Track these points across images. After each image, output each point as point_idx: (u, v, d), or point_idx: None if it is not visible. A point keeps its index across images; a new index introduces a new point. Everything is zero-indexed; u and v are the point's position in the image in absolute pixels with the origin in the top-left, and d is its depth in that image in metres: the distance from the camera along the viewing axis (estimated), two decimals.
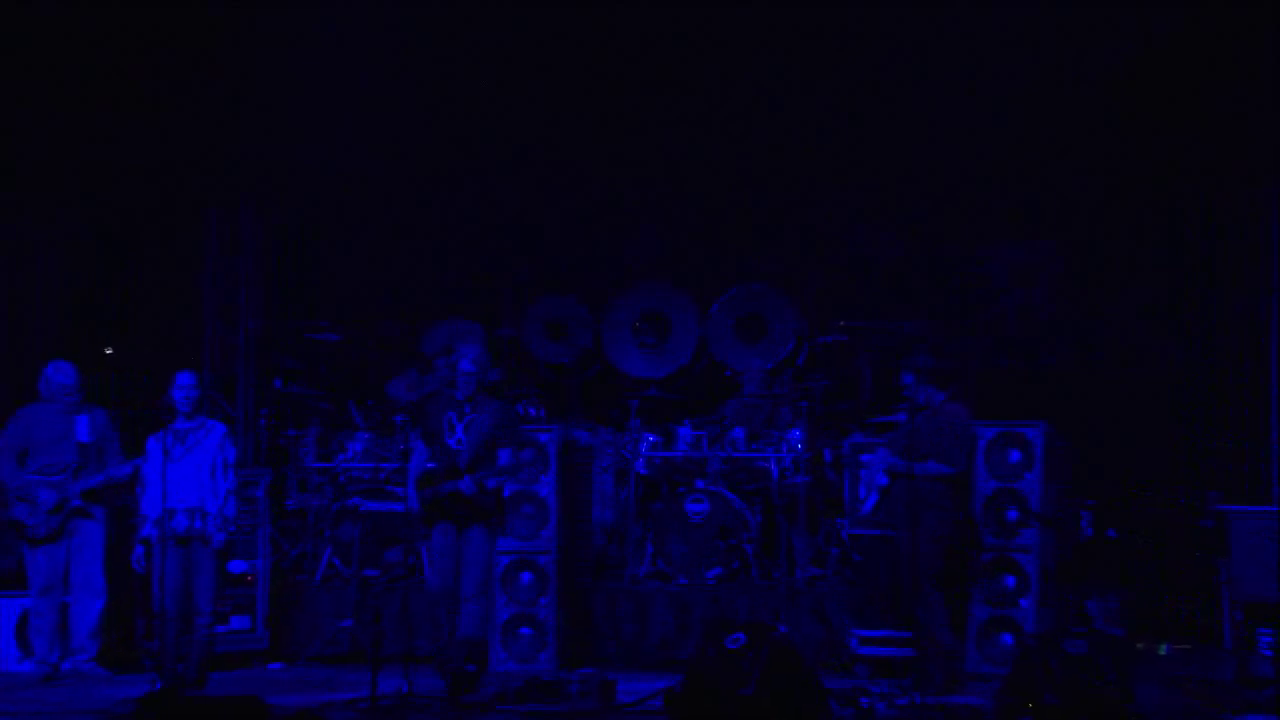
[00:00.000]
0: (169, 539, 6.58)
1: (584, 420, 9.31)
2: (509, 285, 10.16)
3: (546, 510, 7.71)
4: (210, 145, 8.91)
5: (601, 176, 9.79)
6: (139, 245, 9.67)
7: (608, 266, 10.25)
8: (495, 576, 7.51)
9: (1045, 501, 7.46)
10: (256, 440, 9.48)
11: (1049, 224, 9.39)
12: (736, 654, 5.88)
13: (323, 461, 8.90)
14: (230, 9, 8.26)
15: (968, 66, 8.36)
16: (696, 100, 9.04)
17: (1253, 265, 8.45)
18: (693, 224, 10.14)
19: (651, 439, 8.91)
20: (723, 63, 8.74)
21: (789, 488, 8.57)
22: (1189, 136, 8.34)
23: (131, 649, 7.75)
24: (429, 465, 6.90)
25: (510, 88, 8.94)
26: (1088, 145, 8.67)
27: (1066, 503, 7.90)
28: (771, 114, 9.09)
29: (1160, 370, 8.94)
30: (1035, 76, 8.27)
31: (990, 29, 8.15)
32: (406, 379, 9.04)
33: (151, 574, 6.72)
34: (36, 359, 8.03)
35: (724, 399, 9.38)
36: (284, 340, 9.70)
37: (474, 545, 6.81)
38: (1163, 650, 7.78)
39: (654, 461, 8.89)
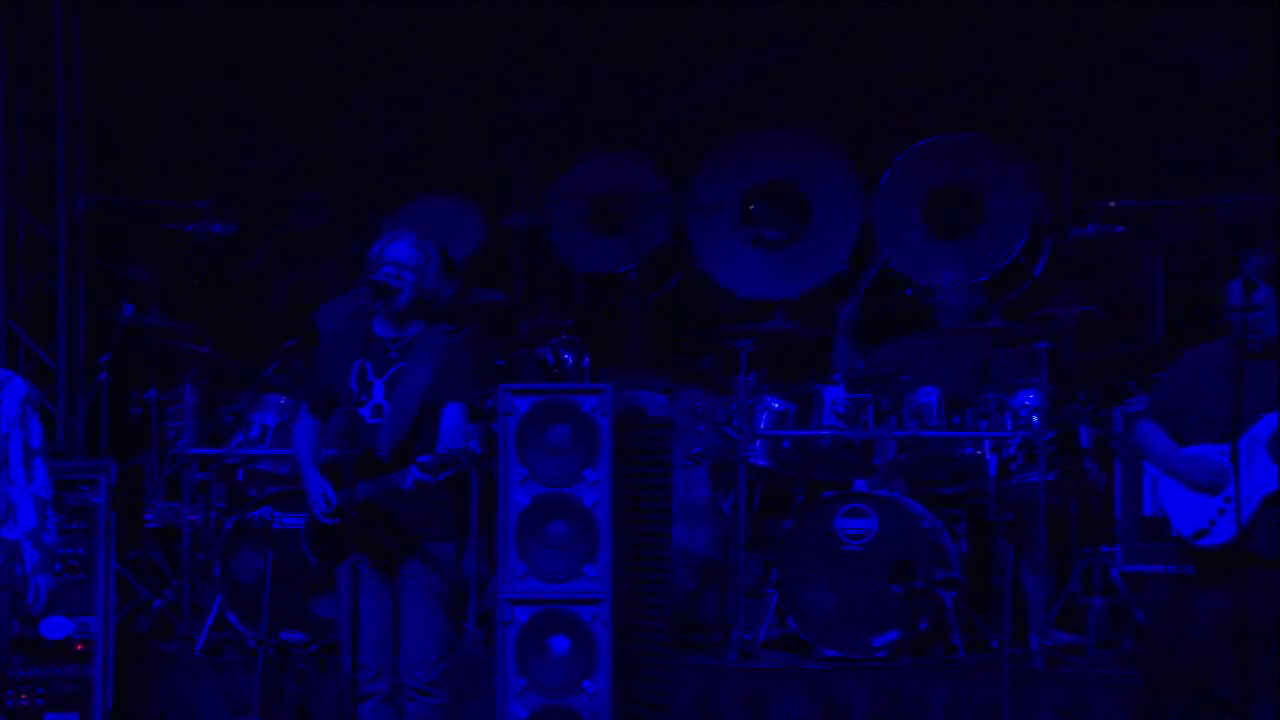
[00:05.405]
0: None
1: (656, 375, 9.50)
2: (524, 139, 10.26)
3: (594, 530, 7.73)
4: None
5: None
6: None
7: (696, 104, 10.31)
8: (507, 642, 7.61)
9: None
10: (92, 409, 9.43)
11: None
12: None
13: (207, 445, 9.01)
14: None
15: None
16: None
17: None
18: (844, 26, 10.13)
19: (776, 407, 8.99)
20: None
21: (1018, 491, 8.70)
22: None
23: None
24: (328, 453, 6.89)
25: None
26: None
27: None
28: None
29: None
30: None
31: None
32: (349, 303, 8.85)
33: None
34: None
35: (903, 336, 9.51)
36: (136, 235, 9.69)
37: (416, 593, 6.81)
38: None
39: (780, 446, 9.01)
